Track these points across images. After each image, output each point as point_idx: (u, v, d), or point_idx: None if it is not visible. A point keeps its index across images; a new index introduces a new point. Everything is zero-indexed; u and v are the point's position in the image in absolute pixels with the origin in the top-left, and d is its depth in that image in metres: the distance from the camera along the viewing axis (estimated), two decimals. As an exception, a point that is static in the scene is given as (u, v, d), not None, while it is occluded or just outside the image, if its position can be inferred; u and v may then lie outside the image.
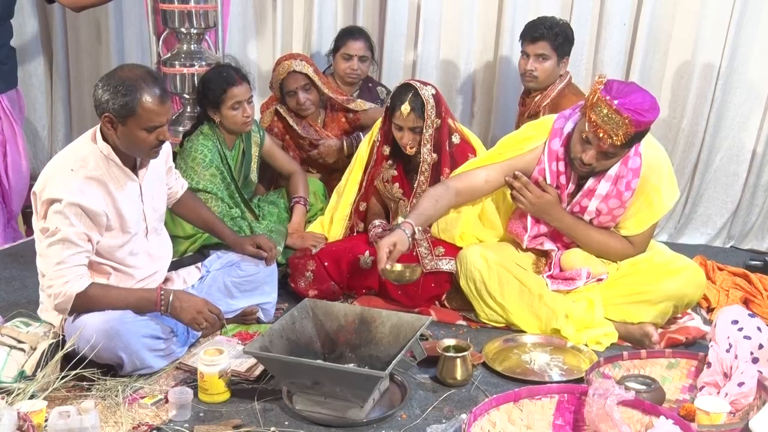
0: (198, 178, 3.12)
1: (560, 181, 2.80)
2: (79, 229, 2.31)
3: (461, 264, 2.87)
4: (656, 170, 2.75)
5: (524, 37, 3.46)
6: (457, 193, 2.88)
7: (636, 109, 2.51)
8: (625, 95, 2.54)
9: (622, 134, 2.53)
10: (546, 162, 2.79)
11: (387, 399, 2.33)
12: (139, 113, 2.30)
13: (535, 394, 2.12)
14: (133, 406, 2.27)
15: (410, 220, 2.75)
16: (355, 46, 3.75)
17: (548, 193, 2.79)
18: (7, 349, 2.34)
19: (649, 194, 2.75)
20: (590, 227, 2.84)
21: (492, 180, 2.89)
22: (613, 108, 2.52)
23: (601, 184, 2.74)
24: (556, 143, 2.78)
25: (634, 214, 2.79)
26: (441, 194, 2.86)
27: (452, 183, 2.90)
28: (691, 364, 2.41)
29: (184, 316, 2.42)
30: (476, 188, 2.91)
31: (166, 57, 3.85)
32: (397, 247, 2.64)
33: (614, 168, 2.72)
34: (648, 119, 2.54)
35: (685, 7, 3.76)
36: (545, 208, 2.82)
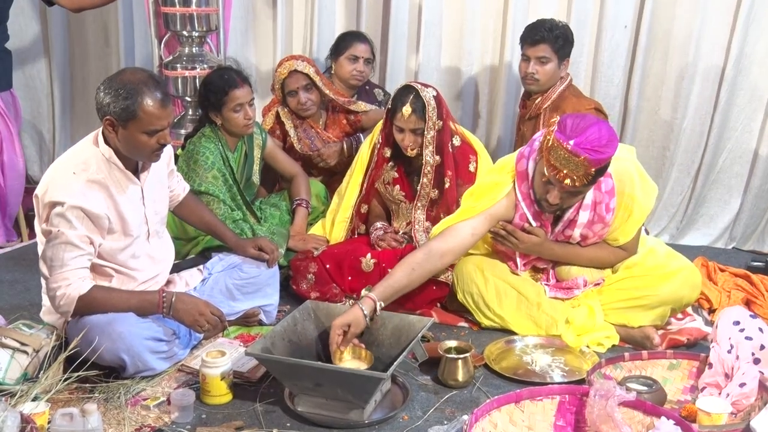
0: (200, 180, 3.13)
1: (542, 218, 2.78)
2: (81, 232, 2.32)
3: (458, 278, 2.87)
4: (627, 180, 2.70)
5: (524, 40, 3.46)
6: (441, 256, 2.72)
7: (592, 148, 2.45)
8: (579, 133, 2.47)
9: (583, 174, 2.48)
10: (523, 206, 2.75)
11: (389, 400, 2.33)
12: (140, 117, 2.31)
13: (537, 395, 2.12)
14: (136, 408, 2.28)
15: (373, 295, 2.49)
16: (361, 48, 3.75)
17: (535, 235, 2.77)
18: (10, 351, 2.35)
19: (627, 205, 2.72)
20: (580, 249, 2.82)
21: (478, 232, 2.78)
22: (568, 150, 2.46)
23: (580, 213, 2.72)
24: (525, 186, 2.74)
25: (618, 226, 2.76)
26: (420, 262, 2.67)
27: (435, 245, 2.73)
28: (692, 365, 2.41)
29: (186, 318, 2.43)
30: (463, 244, 2.77)
31: (168, 60, 3.86)
32: (351, 330, 2.39)
33: (589, 196, 2.68)
34: (606, 155, 2.48)
35: (686, 8, 3.76)
36: (534, 249, 2.81)
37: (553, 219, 2.79)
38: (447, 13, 4.10)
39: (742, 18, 3.65)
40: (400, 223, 3.23)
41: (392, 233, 3.17)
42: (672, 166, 3.93)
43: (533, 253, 2.84)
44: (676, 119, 3.89)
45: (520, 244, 2.78)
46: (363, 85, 3.86)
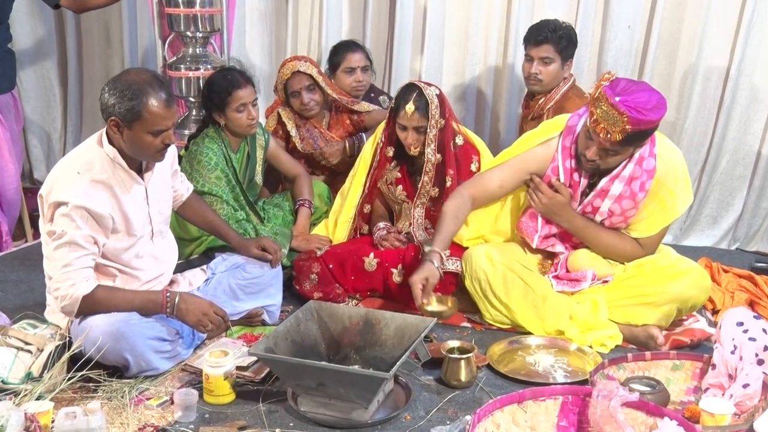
0: (203, 180, 3.14)
1: (573, 178, 2.79)
2: (86, 231, 2.33)
3: (466, 264, 2.87)
4: (672, 174, 2.73)
5: (528, 40, 3.46)
6: (473, 201, 2.87)
7: (636, 107, 2.49)
8: (629, 93, 2.52)
9: (619, 131, 2.51)
10: (560, 159, 2.79)
11: (391, 400, 2.34)
12: (145, 117, 2.32)
13: (540, 396, 2.12)
14: (139, 407, 2.29)
15: (437, 248, 2.72)
16: (355, 58, 3.74)
17: (560, 194, 2.79)
18: (14, 350, 2.35)
19: (663, 197, 2.74)
20: (600, 229, 2.83)
21: (506, 184, 2.87)
22: (611, 104, 2.50)
23: (614, 184, 2.73)
24: (568, 140, 2.78)
25: (646, 216, 2.78)
26: (459, 207, 2.83)
27: (466, 191, 2.87)
28: (695, 366, 2.41)
29: (189, 318, 2.43)
30: (491, 193, 2.90)
31: (172, 60, 3.87)
32: (429, 281, 2.63)
33: (628, 169, 2.70)
34: (648, 118, 2.51)
35: (690, 9, 3.76)
36: (556, 209, 2.81)
37: (587, 188, 2.80)
38: (451, 14, 4.10)
39: (745, 20, 3.64)
40: (403, 224, 3.23)
41: (395, 233, 3.17)
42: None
43: (554, 216, 2.84)
44: (679, 119, 3.89)
45: (543, 198, 2.79)
46: (368, 92, 3.86)
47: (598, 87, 2.57)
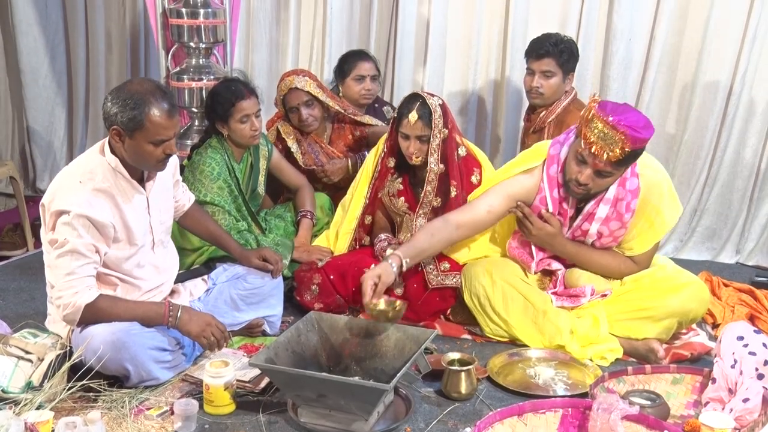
0: (205, 190, 3.14)
1: (562, 207, 2.80)
2: (87, 240, 2.33)
3: (465, 279, 2.88)
4: (656, 190, 2.73)
5: (529, 54, 3.47)
6: (457, 227, 2.82)
7: (631, 126, 2.50)
8: (620, 113, 2.53)
9: (618, 150, 2.51)
10: (547, 190, 2.78)
11: (392, 412, 2.33)
12: (146, 127, 2.33)
13: (540, 408, 2.12)
14: (139, 417, 2.28)
15: (399, 253, 2.69)
16: (366, 66, 3.76)
17: (550, 225, 2.78)
18: (14, 359, 2.35)
19: (650, 215, 2.74)
20: (593, 251, 2.84)
21: (494, 211, 2.84)
22: (608, 124, 2.51)
23: (600, 207, 2.73)
24: (553, 169, 2.77)
25: (636, 235, 2.79)
26: (438, 228, 2.80)
27: (452, 216, 2.84)
28: (695, 380, 2.41)
29: (192, 328, 2.43)
30: (479, 220, 2.85)
31: (175, 71, 3.89)
32: (382, 280, 2.58)
33: (612, 190, 2.71)
34: (643, 136, 2.53)
35: (691, 22, 3.79)
36: (547, 239, 2.81)
37: (573, 212, 2.80)
38: (453, 26, 4.13)
39: (750, 33, 3.67)
40: (405, 235, 3.23)
41: (396, 245, 3.18)
42: (673, 178, 3.94)
43: (545, 245, 2.84)
44: (679, 132, 3.90)
45: (533, 230, 2.79)
46: (372, 103, 3.87)
47: (590, 109, 2.57)
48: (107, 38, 4.82)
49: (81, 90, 4.95)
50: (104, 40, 4.82)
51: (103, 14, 4.77)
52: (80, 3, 4.80)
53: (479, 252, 3.03)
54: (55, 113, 4.98)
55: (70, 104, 5.02)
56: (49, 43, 4.87)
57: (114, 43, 4.82)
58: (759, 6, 3.64)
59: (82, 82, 4.94)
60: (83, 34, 4.84)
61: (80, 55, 4.88)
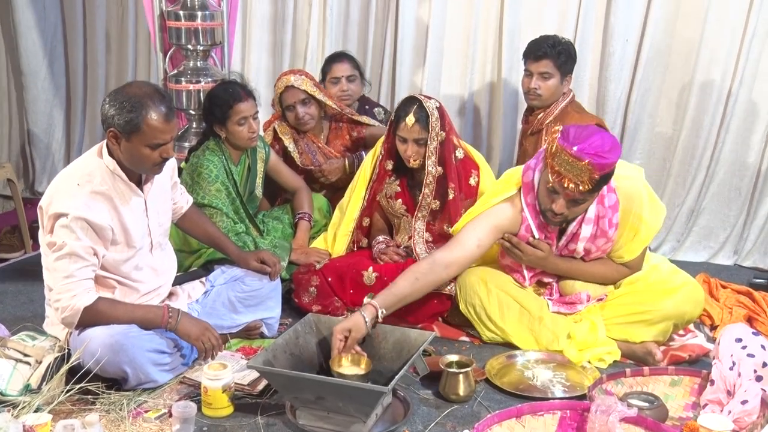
0: (203, 193, 3.14)
1: (548, 230, 2.78)
2: (86, 243, 2.33)
3: (461, 289, 2.88)
4: (635, 199, 2.71)
5: (527, 55, 3.48)
6: (446, 266, 2.71)
7: (596, 153, 2.46)
8: (583, 140, 2.49)
9: (587, 179, 2.48)
10: (529, 218, 2.76)
11: (390, 414, 2.33)
12: (143, 130, 2.33)
13: (538, 410, 2.12)
14: (137, 420, 2.28)
15: (375, 302, 2.51)
16: (341, 68, 3.75)
17: (540, 250, 2.77)
18: (12, 362, 2.35)
19: (633, 224, 2.72)
20: (585, 265, 2.83)
21: (484, 243, 2.77)
22: (572, 155, 2.47)
23: (582, 227, 2.72)
24: (530, 198, 2.75)
25: (624, 244, 2.77)
26: (424, 272, 2.67)
27: (440, 257, 2.72)
28: (694, 382, 2.41)
29: (192, 330, 2.44)
30: (469, 255, 2.75)
31: (173, 73, 3.89)
32: (351, 335, 2.40)
33: (592, 209, 2.69)
34: (609, 161, 2.49)
35: (687, 22, 3.79)
36: (539, 263, 2.81)
37: (557, 233, 2.80)
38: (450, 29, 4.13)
39: (749, 33, 3.68)
40: (402, 237, 3.24)
41: (394, 247, 3.18)
42: (670, 178, 3.95)
43: (538, 267, 2.85)
44: (675, 132, 3.91)
45: (524, 257, 2.79)
46: (362, 104, 3.88)
47: (553, 141, 2.54)
48: (106, 39, 4.82)
49: (79, 92, 4.96)
50: (103, 41, 4.82)
51: (103, 16, 4.78)
52: (78, 5, 4.81)
53: None
54: (53, 115, 4.99)
55: (68, 106, 5.02)
56: (47, 46, 4.88)
57: (113, 44, 4.82)
58: (758, 5, 3.64)
59: (81, 84, 4.94)
60: (81, 35, 4.85)
61: (78, 57, 4.88)
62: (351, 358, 2.41)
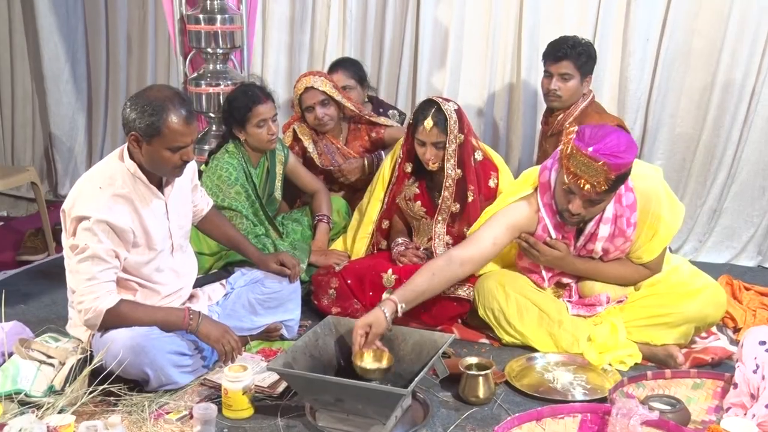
0: (223, 195, 3.16)
1: (565, 230, 2.77)
2: (107, 245, 2.36)
3: (479, 294, 2.87)
4: (653, 198, 2.69)
5: (547, 56, 3.46)
6: (461, 264, 2.71)
7: (611, 153, 2.45)
8: (598, 140, 2.48)
9: (603, 180, 2.48)
10: (546, 217, 2.75)
11: (409, 416, 2.33)
12: (164, 133, 2.35)
13: (558, 413, 2.11)
14: (159, 421, 2.30)
15: (394, 297, 2.51)
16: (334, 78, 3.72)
17: (557, 250, 2.76)
18: (36, 364, 2.38)
19: (652, 224, 2.71)
20: (604, 265, 2.82)
21: (499, 242, 2.77)
22: (588, 156, 2.46)
23: (600, 227, 2.71)
24: (547, 197, 2.74)
25: (642, 244, 2.76)
26: (441, 268, 2.68)
27: (456, 254, 2.73)
28: (717, 385, 2.39)
29: (212, 332, 2.45)
30: (485, 253, 2.76)
31: (193, 77, 3.92)
32: (372, 330, 2.40)
33: (610, 209, 2.68)
34: (625, 161, 2.48)
35: (709, 21, 3.76)
36: (556, 263, 2.80)
37: (575, 233, 2.78)
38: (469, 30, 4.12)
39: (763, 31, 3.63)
40: (421, 239, 3.24)
41: (413, 249, 3.18)
42: (691, 178, 3.92)
43: (555, 267, 2.83)
44: (696, 132, 3.87)
45: (541, 257, 2.78)
46: (375, 107, 3.88)
47: (568, 141, 2.53)
48: (128, 43, 4.86)
49: (101, 95, 5.01)
50: (125, 45, 4.86)
51: (124, 19, 4.83)
52: (101, 9, 4.85)
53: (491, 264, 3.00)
54: (75, 118, 5.04)
55: (90, 109, 5.07)
56: (70, 49, 4.93)
57: (134, 48, 4.86)
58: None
59: (102, 88, 4.99)
60: (104, 39, 4.89)
61: (100, 60, 4.93)
62: (373, 354, 2.41)
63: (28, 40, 5.05)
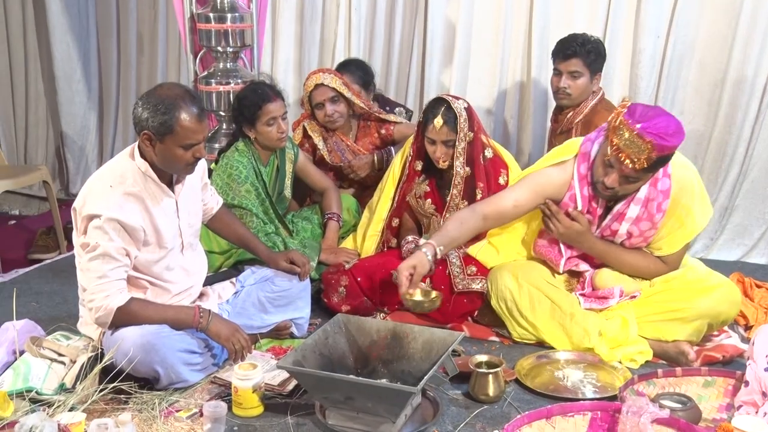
0: (233, 194, 3.17)
1: (591, 205, 2.78)
2: (118, 244, 2.37)
3: (492, 283, 2.87)
4: (687, 190, 2.70)
5: (556, 54, 3.45)
6: (484, 218, 2.82)
7: (659, 134, 2.47)
8: (648, 119, 2.49)
9: (645, 159, 2.49)
10: (577, 187, 2.76)
11: (419, 415, 2.33)
12: (176, 131, 2.36)
13: (568, 411, 2.11)
14: (169, 419, 2.31)
15: (432, 241, 2.71)
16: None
17: (578, 223, 2.76)
18: (48, 362, 2.39)
19: (680, 215, 2.71)
20: (622, 250, 2.81)
21: (521, 204, 2.82)
22: (635, 132, 2.48)
23: (630, 207, 2.71)
24: (584, 167, 2.75)
25: (666, 235, 2.76)
26: (466, 217, 2.81)
27: (479, 207, 2.85)
28: (728, 383, 2.37)
29: (223, 331, 2.46)
30: (505, 212, 2.85)
31: (203, 75, 3.93)
32: (417, 270, 2.60)
33: (643, 190, 2.68)
34: (671, 143, 2.49)
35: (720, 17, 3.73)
36: (575, 237, 2.80)
37: (603, 211, 2.77)
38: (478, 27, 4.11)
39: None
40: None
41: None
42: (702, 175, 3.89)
43: (574, 243, 2.82)
44: (707, 129, 3.85)
45: (561, 227, 2.77)
46: (382, 106, 3.87)
47: (618, 115, 2.54)
48: (138, 42, 4.89)
49: (112, 94, 5.04)
50: (135, 44, 4.89)
51: (135, 19, 4.85)
52: (112, 9, 4.88)
53: (508, 256, 3.01)
54: (87, 117, 5.07)
55: (101, 108, 5.10)
56: (81, 49, 4.96)
57: (145, 47, 4.89)
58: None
59: (113, 87, 5.02)
60: (115, 39, 4.92)
61: (111, 60, 4.96)
62: (422, 291, 2.63)
63: (40, 40, 5.09)
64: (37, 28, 5.07)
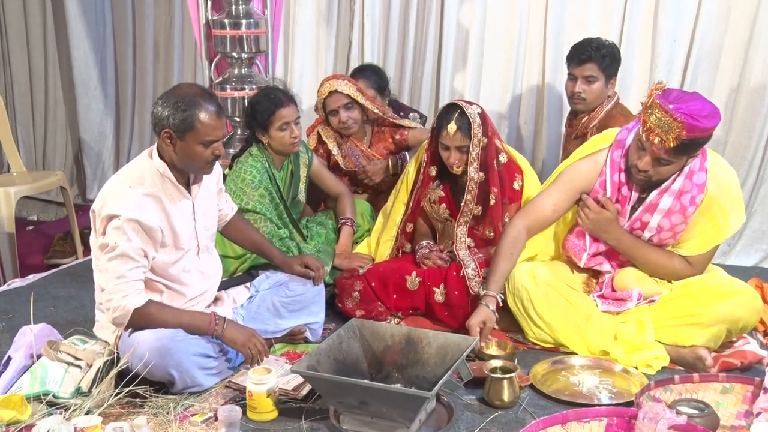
0: (247, 198, 3.18)
1: (622, 193, 2.77)
2: (137, 244, 2.38)
3: (509, 282, 2.86)
4: (726, 191, 2.70)
5: (571, 59, 3.44)
6: (528, 231, 2.86)
7: (690, 114, 2.46)
8: (683, 101, 2.50)
9: (673, 138, 2.48)
10: (608, 173, 2.77)
11: (433, 420, 2.33)
12: (197, 128, 2.39)
13: (584, 417, 2.09)
14: (184, 423, 2.32)
15: (492, 292, 2.74)
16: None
17: (607, 210, 2.77)
18: (64, 365, 2.41)
19: (714, 215, 2.70)
20: (648, 246, 2.80)
21: (559, 207, 2.87)
22: (665, 111, 2.48)
23: (664, 198, 2.70)
24: (617, 154, 2.76)
25: (697, 234, 2.74)
26: (514, 244, 2.82)
27: (520, 222, 2.86)
28: (746, 389, 2.35)
29: (238, 338, 2.47)
30: (545, 219, 2.88)
31: (218, 81, 3.95)
32: (486, 325, 2.68)
33: (678, 182, 2.67)
34: (703, 125, 2.48)
35: (736, 21, 3.72)
36: (603, 225, 2.79)
37: (635, 203, 2.77)
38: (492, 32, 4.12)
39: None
40: (446, 242, 3.23)
41: (438, 252, 3.17)
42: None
43: (601, 233, 2.81)
44: (723, 134, 3.83)
45: (590, 214, 2.78)
46: (396, 111, 3.88)
47: (651, 95, 2.55)
48: (154, 48, 4.93)
49: (128, 100, 5.08)
50: (151, 50, 4.93)
51: (151, 25, 4.89)
52: (128, 15, 4.92)
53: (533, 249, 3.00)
54: (103, 123, 5.12)
55: (118, 114, 5.15)
56: (98, 55, 5.01)
57: (161, 53, 4.93)
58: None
59: (130, 93, 5.06)
60: (131, 45, 4.97)
61: (128, 65, 5.00)
62: (496, 343, 2.71)
63: (59, 46, 5.15)
64: (56, 35, 5.13)
